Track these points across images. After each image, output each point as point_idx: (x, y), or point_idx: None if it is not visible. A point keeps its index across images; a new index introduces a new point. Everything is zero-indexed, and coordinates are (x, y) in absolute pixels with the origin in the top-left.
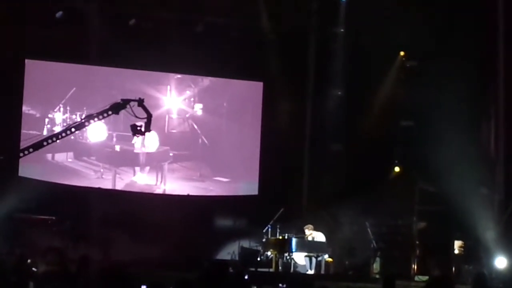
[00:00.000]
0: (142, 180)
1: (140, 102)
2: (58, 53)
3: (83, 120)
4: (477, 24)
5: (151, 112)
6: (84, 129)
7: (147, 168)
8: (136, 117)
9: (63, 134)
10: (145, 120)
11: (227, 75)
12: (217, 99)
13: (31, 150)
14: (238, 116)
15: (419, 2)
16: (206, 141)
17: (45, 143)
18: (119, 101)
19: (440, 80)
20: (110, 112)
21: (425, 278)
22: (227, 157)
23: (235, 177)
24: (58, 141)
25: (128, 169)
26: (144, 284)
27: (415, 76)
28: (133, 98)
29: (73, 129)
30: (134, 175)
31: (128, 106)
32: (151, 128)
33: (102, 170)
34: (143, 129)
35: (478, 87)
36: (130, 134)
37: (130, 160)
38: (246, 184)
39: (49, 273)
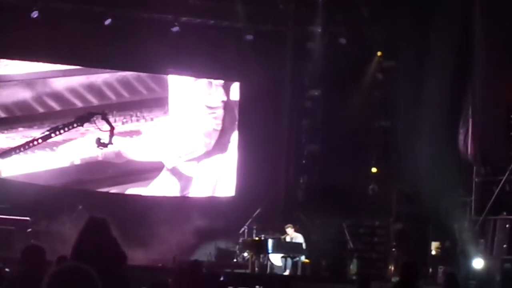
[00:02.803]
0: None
1: (104, 116)
2: (33, 52)
3: (49, 132)
4: (454, 26)
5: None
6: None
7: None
8: (100, 129)
9: (30, 144)
10: (109, 132)
11: (204, 75)
12: (195, 99)
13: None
14: (215, 116)
15: (396, 2)
16: (185, 141)
17: (13, 153)
18: (84, 114)
19: (418, 81)
20: (75, 125)
21: None
22: (205, 157)
23: (211, 177)
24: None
25: None
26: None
27: (392, 76)
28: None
29: (40, 140)
30: None
31: (92, 119)
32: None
33: None
34: (106, 142)
35: (456, 89)
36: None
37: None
38: (223, 185)
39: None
